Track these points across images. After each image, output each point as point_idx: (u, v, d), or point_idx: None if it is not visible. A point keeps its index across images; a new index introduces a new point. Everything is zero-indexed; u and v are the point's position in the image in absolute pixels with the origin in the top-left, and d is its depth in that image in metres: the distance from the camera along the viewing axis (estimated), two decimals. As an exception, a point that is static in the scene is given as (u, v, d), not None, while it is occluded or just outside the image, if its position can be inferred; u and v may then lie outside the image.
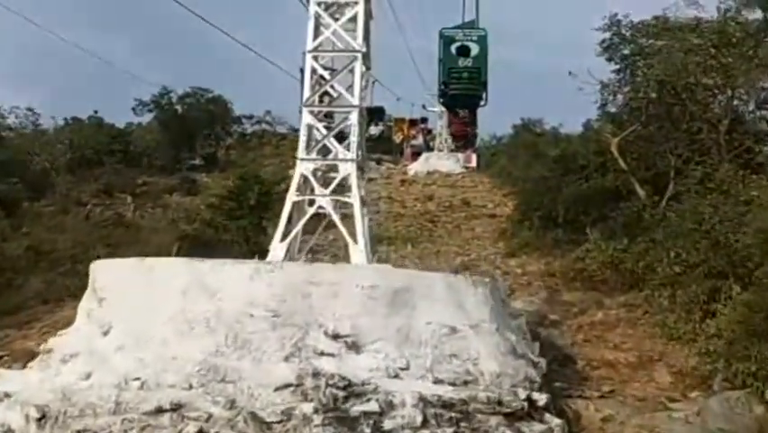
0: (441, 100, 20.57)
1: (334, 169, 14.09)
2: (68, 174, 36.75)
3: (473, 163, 43.44)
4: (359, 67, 14.12)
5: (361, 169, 14.29)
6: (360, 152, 14.25)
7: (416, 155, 47.65)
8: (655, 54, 23.85)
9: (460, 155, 43.67)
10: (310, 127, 14.15)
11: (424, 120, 54.63)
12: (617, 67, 25.55)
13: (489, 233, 31.48)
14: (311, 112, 14.11)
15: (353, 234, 14.01)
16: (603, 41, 25.22)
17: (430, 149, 47.45)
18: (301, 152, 14.01)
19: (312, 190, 14.05)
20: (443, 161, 42.00)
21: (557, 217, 25.79)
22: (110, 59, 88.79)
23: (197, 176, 39.48)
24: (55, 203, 34.20)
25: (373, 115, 32.58)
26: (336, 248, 18.45)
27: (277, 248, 13.61)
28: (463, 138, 45.53)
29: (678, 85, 23.34)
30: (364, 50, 14.44)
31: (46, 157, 34.66)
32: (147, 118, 43.77)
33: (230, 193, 28.84)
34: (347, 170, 13.78)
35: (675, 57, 21.98)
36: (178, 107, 40.62)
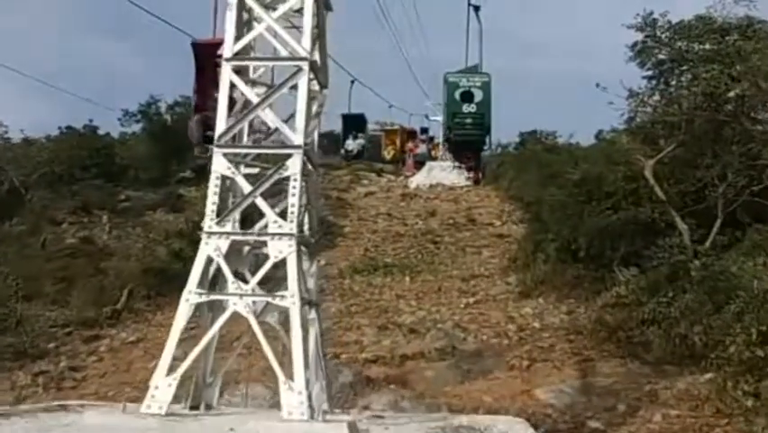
0: (446, 145, 17.67)
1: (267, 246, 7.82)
2: (47, 189, 30.57)
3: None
4: (304, 83, 7.86)
5: (305, 246, 8.09)
6: (309, 221, 8.07)
7: (418, 164, 41.24)
8: (701, 60, 17.54)
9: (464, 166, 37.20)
10: (226, 181, 7.92)
11: (424, 130, 47.39)
12: (649, 73, 19.31)
13: (498, 257, 25.20)
14: (226, 155, 7.85)
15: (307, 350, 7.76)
16: (635, 43, 18.95)
17: (432, 158, 41.05)
18: (208, 222, 7.76)
19: (223, 284, 7.82)
20: (446, 173, 35.40)
21: (578, 250, 19.57)
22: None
23: (187, 190, 33.25)
24: (26, 222, 28.11)
25: (351, 125, 24.94)
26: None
27: (161, 387, 7.32)
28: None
29: (729, 98, 17.11)
30: (316, 58, 8.23)
31: (13, 173, 28.47)
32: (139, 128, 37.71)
33: (201, 219, 22.69)
34: (281, 250, 7.52)
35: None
36: (168, 117, 34.53)
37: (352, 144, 26.22)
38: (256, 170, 8.37)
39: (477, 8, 16.40)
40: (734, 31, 17.71)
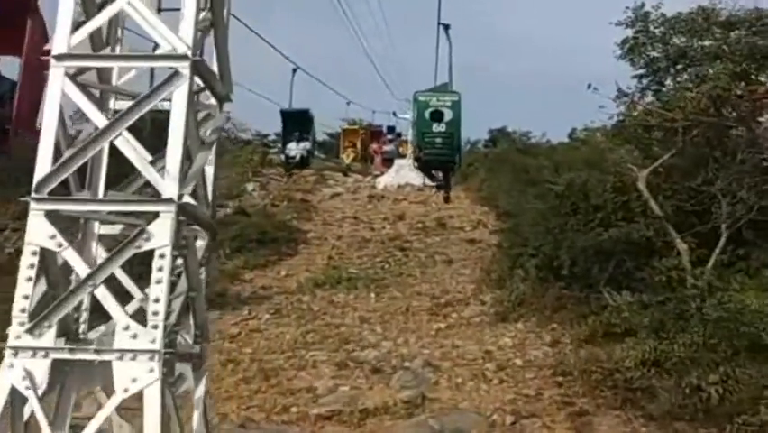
0: (415, 164, 15.68)
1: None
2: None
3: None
4: (183, 95, 4.50)
5: (186, 361, 4.74)
6: (194, 318, 4.74)
7: (387, 162, 37.80)
8: (707, 58, 14.41)
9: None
10: (48, 261, 4.54)
11: (391, 129, 42.94)
12: (641, 72, 16.19)
13: (470, 267, 22.08)
14: (50, 215, 4.48)
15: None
16: (625, 40, 15.81)
17: (401, 156, 37.47)
18: (16, 328, 4.36)
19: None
20: (415, 173, 32.07)
21: (560, 268, 16.46)
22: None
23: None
24: (-36, 230, 24.37)
25: (292, 124, 18.97)
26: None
27: None
28: None
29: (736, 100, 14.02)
30: (212, 66, 4.92)
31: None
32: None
33: (145, 232, 19.18)
34: (135, 378, 4.18)
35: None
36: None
37: (294, 149, 18.65)
38: (118, 229, 5.03)
39: (447, 27, 14.36)
40: (741, 25, 14.62)
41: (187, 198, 4.64)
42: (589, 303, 15.85)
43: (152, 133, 5.04)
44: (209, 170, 5.08)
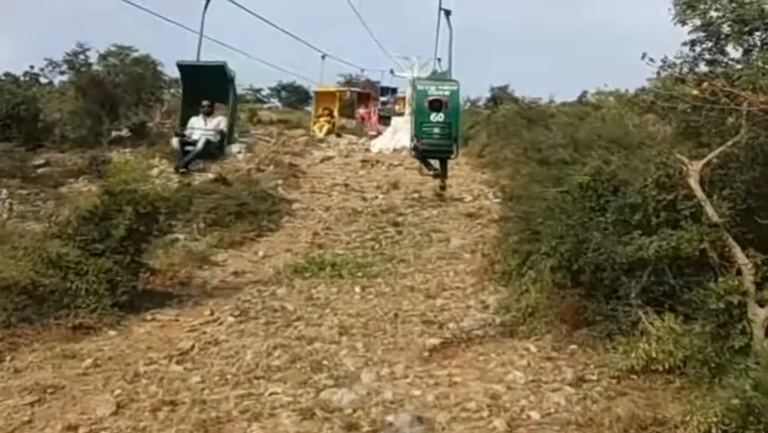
0: (413, 153, 12.32)
1: None
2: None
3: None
4: None
5: None
6: None
7: (383, 119, 33.22)
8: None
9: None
10: None
11: (385, 91, 37.23)
12: (694, 37, 11.78)
13: (470, 251, 18.14)
14: None
15: None
16: (680, -5, 11.34)
17: (398, 114, 32.65)
18: None
19: None
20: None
21: (580, 272, 12.32)
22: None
23: (121, 152, 25.31)
24: None
25: (197, 88, 11.53)
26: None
27: None
28: None
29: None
30: None
31: None
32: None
33: (92, 215, 14.93)
34: None
35: None
36: (99, 68, 26.10)
37: (197, 129, 11.58)
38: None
39: (448, 12, 11.50)
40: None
41: None
42: (618, 319, 11.82)
43: None
44: None
